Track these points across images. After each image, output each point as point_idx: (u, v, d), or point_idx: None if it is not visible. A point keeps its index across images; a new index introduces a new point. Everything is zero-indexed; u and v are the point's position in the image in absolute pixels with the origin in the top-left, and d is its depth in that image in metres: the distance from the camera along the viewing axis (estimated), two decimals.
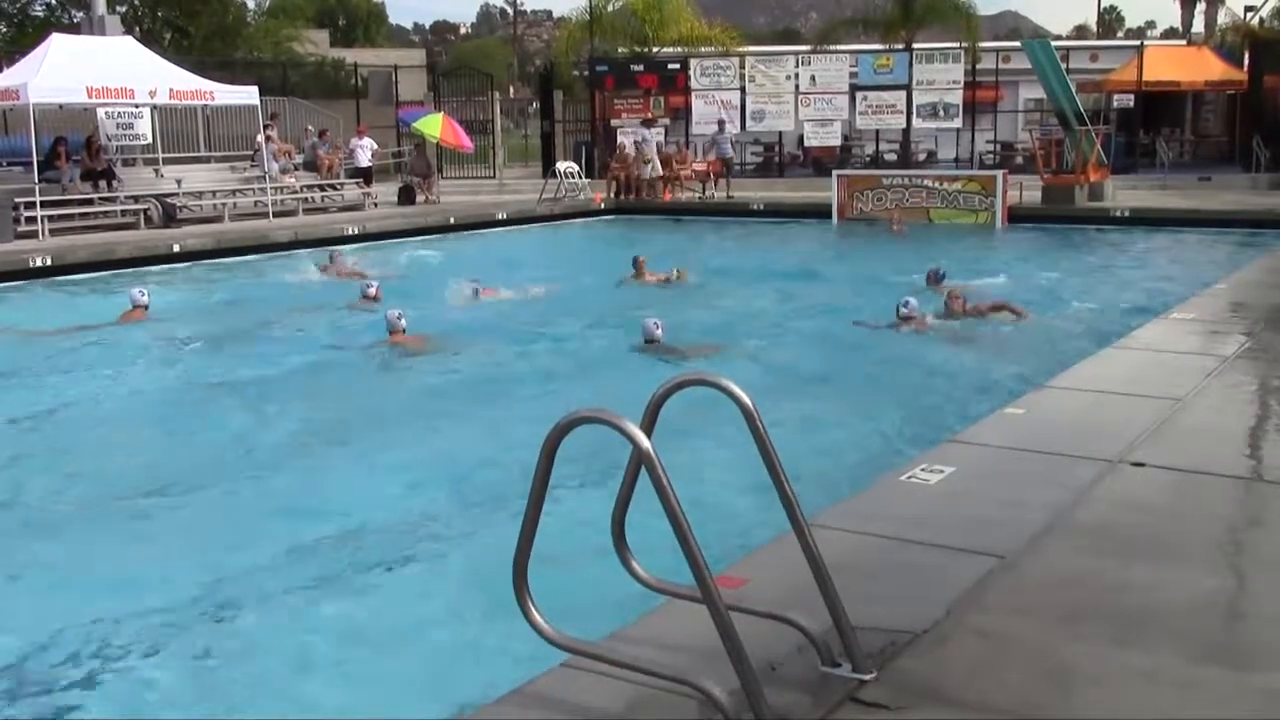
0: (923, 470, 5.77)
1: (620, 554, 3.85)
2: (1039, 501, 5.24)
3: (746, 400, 3.62)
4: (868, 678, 3.60)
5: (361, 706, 4.56)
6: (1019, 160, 30.16)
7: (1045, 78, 23.75)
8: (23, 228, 19.22)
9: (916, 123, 29.66)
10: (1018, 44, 29.96)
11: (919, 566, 4.57)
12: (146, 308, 13.53)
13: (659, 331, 10.87)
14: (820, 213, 23.47)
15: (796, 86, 30.13)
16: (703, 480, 6.50)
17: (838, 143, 31.08)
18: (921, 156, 31.97)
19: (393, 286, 14.31)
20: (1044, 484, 5.52)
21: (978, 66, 30.65)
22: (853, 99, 29.95)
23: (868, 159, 31.49)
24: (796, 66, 30.49)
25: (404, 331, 11.37)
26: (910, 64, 29.42)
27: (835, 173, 24.51)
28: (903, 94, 29.33)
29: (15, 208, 19.20)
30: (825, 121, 30.20)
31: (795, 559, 3.73)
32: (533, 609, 3.46)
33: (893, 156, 31.21)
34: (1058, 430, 6.51)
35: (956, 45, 30.45)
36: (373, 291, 13.85)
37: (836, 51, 31.75)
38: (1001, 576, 4.44)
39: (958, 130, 30.07)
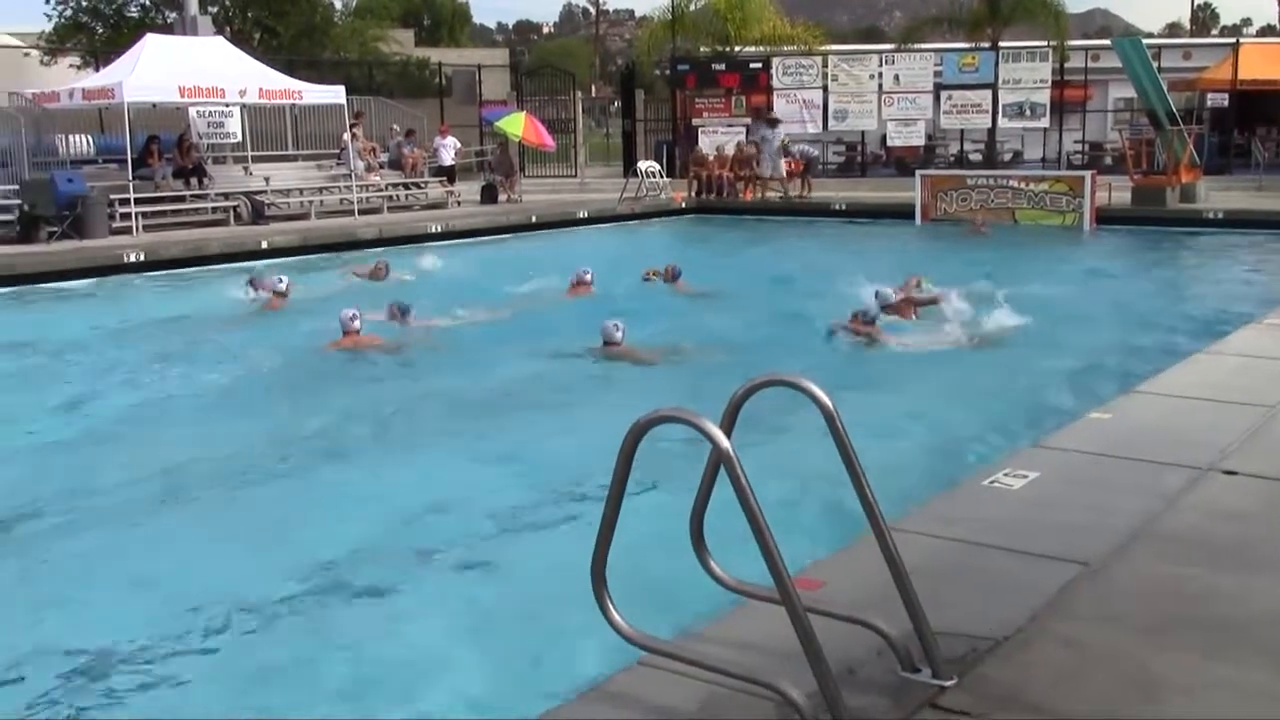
0: (1006, 474, 5.68)
1: (698, 554, 3.85)
2: (1126, 508, 5.14)
3: (827, 401, 3.59)
4: (948, 684, 3.55)
5: (440, 705, 4.58)
6: (1108, 161, 29.62)
7: (1136, 76, 23.27)
8: (117, 224, 19.69)
9: (1002, 122, 29.25)
10: (1107, 42, 29.38)
11: (1001, 572, 4.51)
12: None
13: (619, 334, 10.66)
14: (903, 213, 23.22)
15: (880, 85, 29.86)
16: (781, 481, 6.45)
17: (921, 142, 30.76)
18: (1007, 156, 31.51)
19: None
20: (1131, 491, 5.41)
21: (1066, 65, 30.12)
22: (937, 98, 29.61)
23: (952, 159, 31.13)
24: (880, 65, 30.22)
25: (359, 332, 11.12)
26: (996, 63, 29.01)
27: (919, 173, 24.24)
28: (988, 93, 28.94)
29: (110, 204, 19.68)
30: (909, 121, 29.89)
31: (874, 562, 3.70)
32: (611, 607, 3.47)
33: (977, 156, 30.81)
34: (1146, 436, 6.38)
35: (1044, 44, 29.95)
36: (283, 286, 14.03)
37: (921, 50, 31.40)
38: (1087, 584, 4.36)
39: (1045, 130, 29.60)
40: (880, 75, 29.93)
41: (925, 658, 3.60)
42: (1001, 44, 31.06)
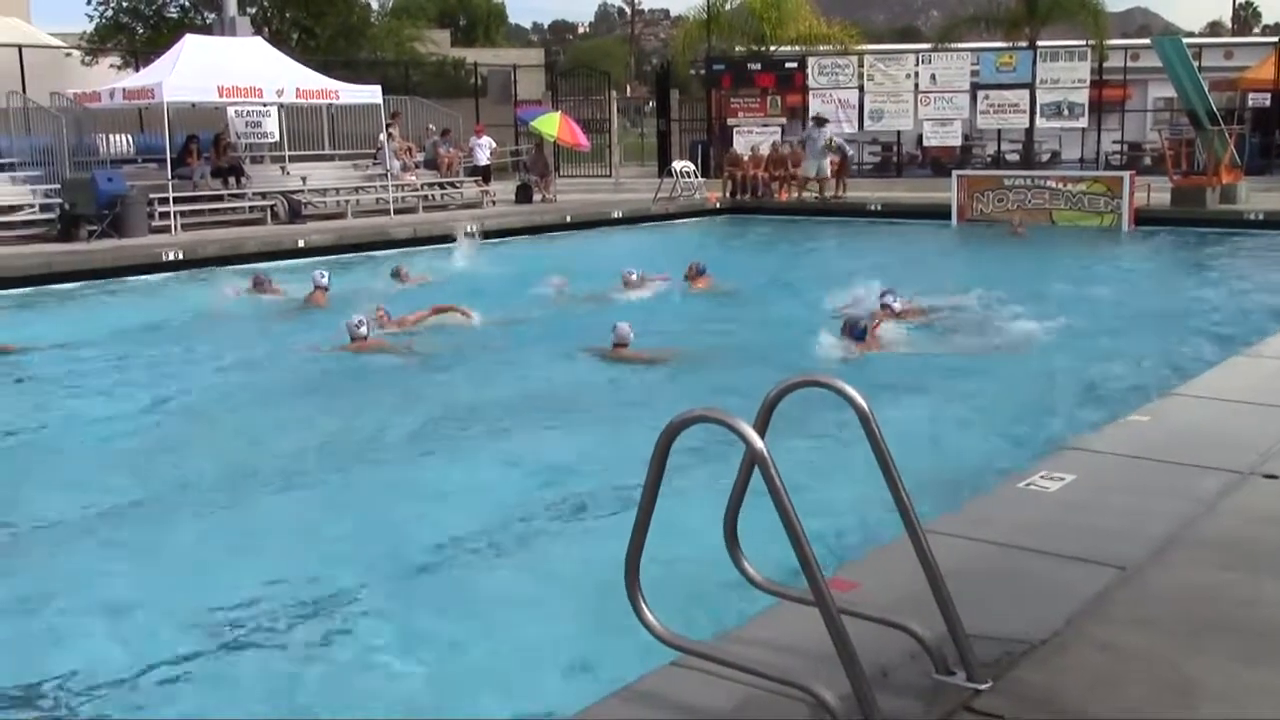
0: (1042, 477, 5.64)
1: (732, 554, 3.85)
2: (1163, 512, 5.09)
3: (862, 402, 3.58)
4: (983, 687, 3.54)
5: (472, 704, 4.59)
6: (1147, 161, 29.31)
7: (1176, 76, 23.03)
8: (156, 223, 19.87)
9: (1040, 122, 29.02)
10: (1147, 41, 29.14)
11: (1037, 575, 4.48)
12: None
13: (630, 335, 10.67)
14: (939, 214, 23.08)
15: (916, 85, 29.71)
16: (816, 482, 6.44)
17: (958, 142, 30.56)
18: (1045, 157, 31.26)
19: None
20: (1169, 494, 5.36)
21: (1105, 64, 29.86)
22: (974, 98, 29.42)
23: (989, 159, 30.92)
24: (916, 65, 30.07)
25: (365, 337, 11.15)
26: (1034, 62, 28.79)
27: (955, 173, 24.10)
28: (1026, 93, 28.72)
29: (150, 203, 19.86)
30: (945, 121, 29.72)
31: (909, 564, 3.68)
32: (644, 607, 3.48)
33: (1015, 157, 30.57)
34: (1184, 439, 6.32)
35: (1083, 43, 29.69)
36: (324, 281, 14.22)
37: (958, 49, 31.21)
38: (1123, 588, 4.32)
39: (1083, 130, 29.34)
40: (917, 75, 29.78)
41: (960, 661, 3.58)
42: (1039, 43, 30.81)
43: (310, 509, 7.06)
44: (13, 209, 19.62)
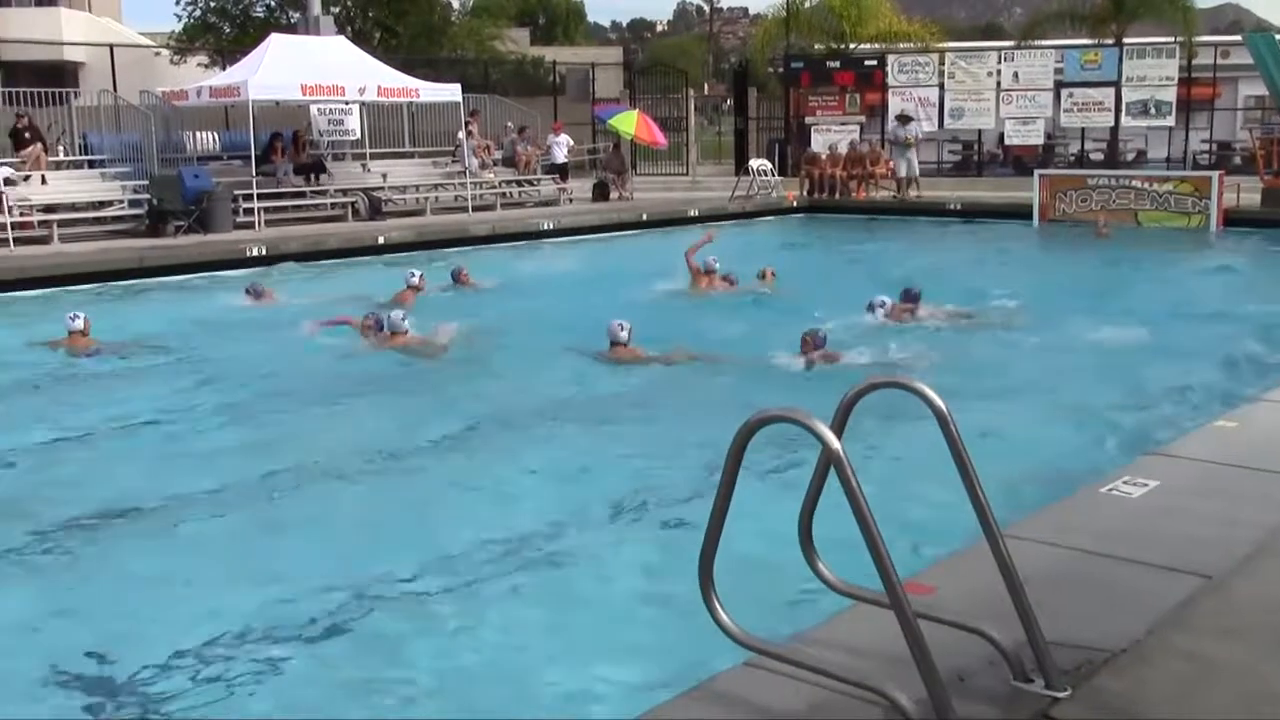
0: (1125, 483, 5.54)
1: (807, 555, 3.83)
2: (1251, 520, 4.98)
3: (940, 404, 3.54)
4: (1062, 695, 3.48)
5: (542, 703, 4.62)
6: (1237, 161, 28.66)
7: (1268, 73, 22.48)
8: (240, 218, 20.24)
9: (1125, 121, 28.50)
10: (1238, 38, 28.45)
11: (1118, 582, 4.40)
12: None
13: (624, 334, 10.45)
14: (1020, 214, 22.74)
15: (998, 83, 29.32)
16: (892, 483, 6.38)
17: (1040, 141, 30.10)
18: (1130, 156, 30.69)
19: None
20: (1258, 502, 5.24)
21: (1194, 62, 29.22)
22: (1057, 96, 28.97)
23: (1072, 158, 30.42)
24: (998, 63, 29.67)
25: (406, 333, 11.12)
26: (1120, 59, 28.28)
27: (1037, 172, 23.72)
28: (1111, 91, 28.22)
29: (234, 199, 20.24)
30: (1027, 119, 29.28)
31: (987, 569, 3.63)
32: (718, 606, 3.47)
33: (1099, 156, 30.05)
34: (1272, 446, 6.17)
35: (1171, 40, 29.11)
36: (416, 279, 14.28)
37: (1041, 47, 30.74)
38: (1208, 597, 4.23)
39: (1170, 129, 28.75)
40: (999, 73, 29.38)
41: (1038, 668, 3.53)
42: (1126, 40, 30.27)
43: (358, 509, 7.09)
44: (103, 204, 20.11)
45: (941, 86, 29.88)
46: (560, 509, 6.77)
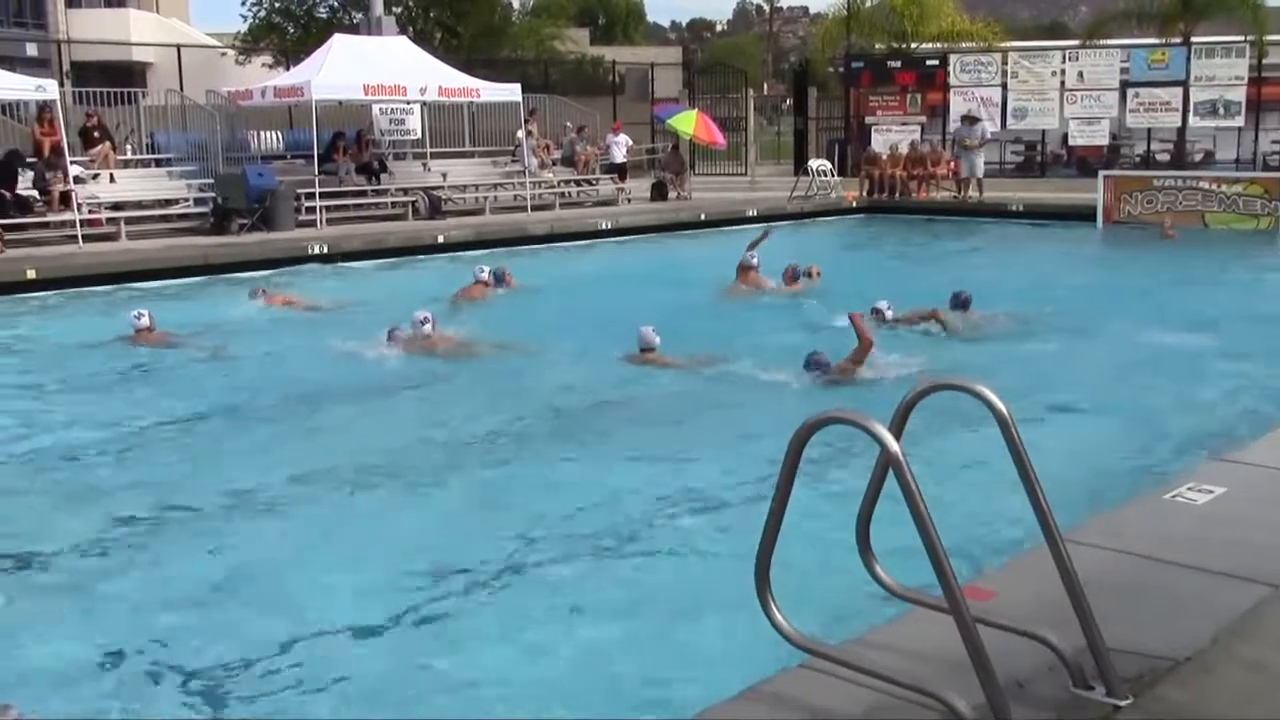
0: (1189, 489, 5.45)
1: (864, 558, 3.81)
2: None
3: (1001, 407, 3.51)
4: (1123, 703, 3.43)
5: (596, 703, 4.62)
6: None
7: None
8: (303, 217, 20.47)
9: (1193, 121, 28.04)
10: None
11: (1182, 590, 4.33)
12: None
13: (657, 339, 10.35)
14: (1084, 215, 22.44)
15: (1062, 83, 28.97)
16: (950, 486, 6.33)
17: (1105, 142, 29.69)
18: (1198, 157, 30.16)
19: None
20: None
21: (1264, 61, 28.67)
22: (1123, 96, 28.57)
23: (1137, 159, 29.96)
24: (1063, 62, 29.32)
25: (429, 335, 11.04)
26: (1188, 59, 27.84)
27: (1102, 173, 23.39)
28: (1179, 90, 27.78)
29: (297, 198, 20.48)
30: (1092, 119, 28.91)
31: (1047, 574, 3.60)
32: (774, 608, 3.46)
33: (1165, 157, 29.58)
34: None
35: (1241, 39, 28.59)
36: (484, 275, 14.31)
37: (1107, 46, 30.33)
38: (1275, 606, 4.15)
39: (1239, 129, 28.24)
40: (1063, 72, 29.04)
41: (1099, 675, 3.49)
42: (1194, 39, 29.78)
43: (416, 507, 7.12)
44: (169, 202, 20.43)
45: (1004, 86, 29.58)
46: (608, 510, 6.77)
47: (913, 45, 35.18)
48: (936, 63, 30.79)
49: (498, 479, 7.58)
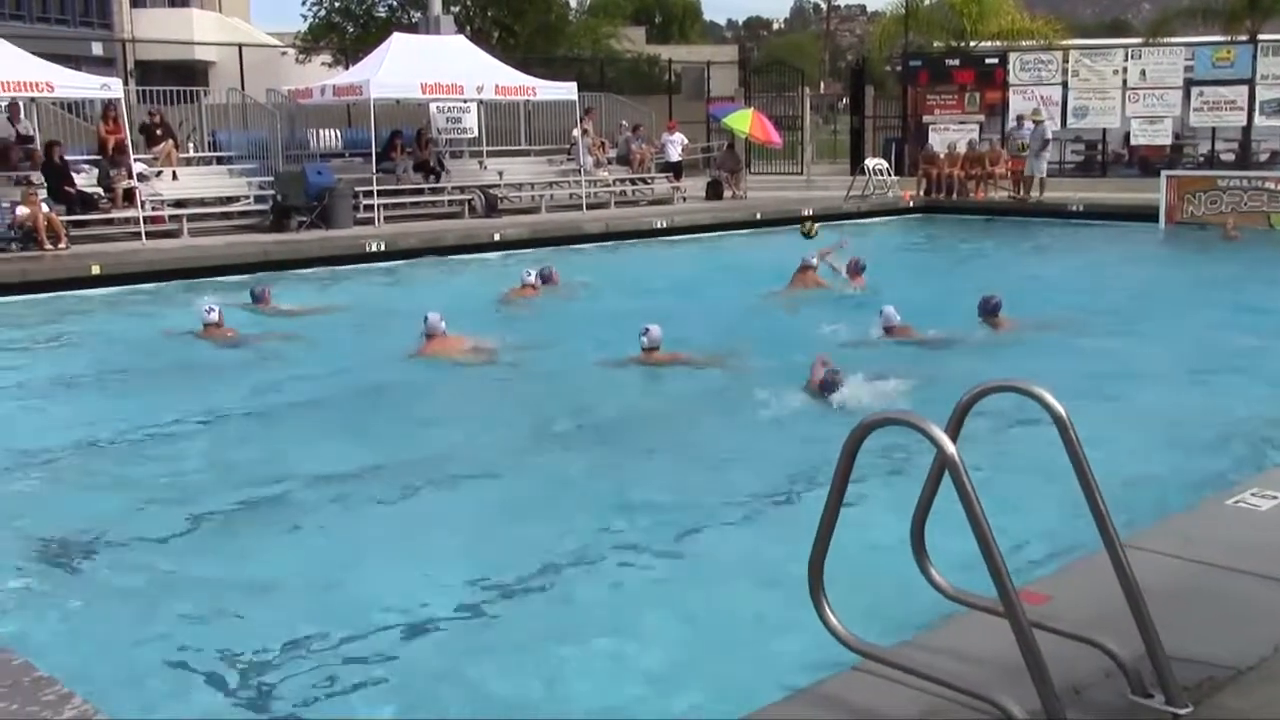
0: (1253, 495, 5.36)
1: (919, 560, 3.78)
2: None
3: (1060, 409, 3.47)
4: (1182, 712, 3.38)
5: (648, 703, 4.62)
6: None
7: None
8: (360, 214, 20.66)
9: (1259, 120, 27.53)
10: None
11: (1245, 598, 4.25)
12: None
13: (650, 339, 10.17)
14: (1145, 216, 22.11)
15: (1124, 81, 28.58)
16: (1007, 489, 6.25)
17: (1168, 141, 29.24)
18: (1264, 157, 29.59)
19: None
20: None
21: None
22: (1187, 94, 28.13)
23: (1201, 159, 29.48)
24: (1125, 60, 28.92)
25: (444, 334, 10.89)
26: (1254, 57, 27.34)
27: (1164, 173, 23.03)
28: (1244, 89, 27.30)
29: (355, 196, 20.67)
30: (1155, 118, 28.49)
31: (1106, 579, 3.55)
32: (827, 609, 3.45)
33: (1230, 156, 29.07)
34: None
35: None
36: (531, 278, 14.28)
37: (1171, 44, 29.87)
38: None
39: None
40: (1125, 71, 28.64)
41: (1158, 683, 3.43)
42: (1261, 37, 29.26)
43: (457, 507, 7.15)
44: (230, 200, 20.70)
45: (1065, 85, 29.24)
46: (651, 511, 6.77)
47: (972, 43, 34.88)
48: (996, 61, 30.49)
49: (542, 480, 7.59)
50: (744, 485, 7.13)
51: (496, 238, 19.94)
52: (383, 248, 18.42)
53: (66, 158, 18.56)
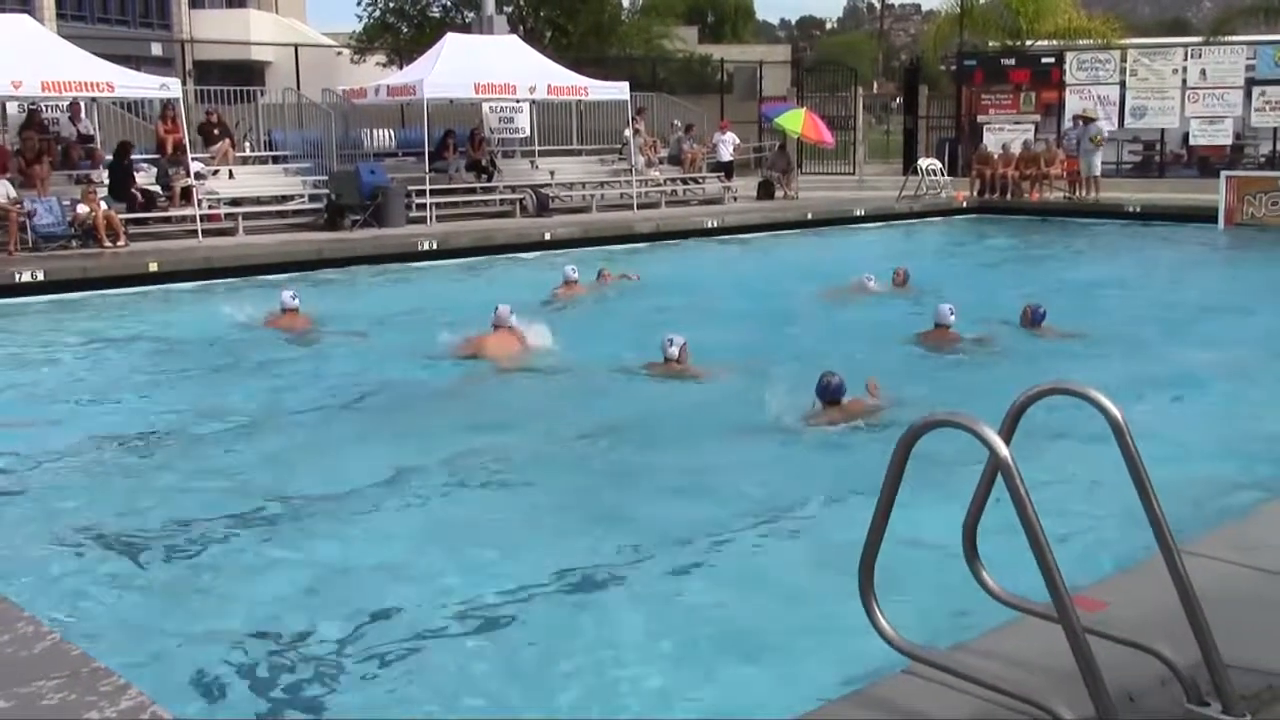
0: None
1: (971, 564, 3.74)
2: None
3: (1116, 412, 3.42)
4: None
5: (700, 703, 4.62)
6: None
7: None
8: (413, 213, 20.80)
9: None
10: None
11: None
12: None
13: (673, 349, 9.89)
14: (1204, 217, 21.79)
15: (1184, 81, 28.15)
16: (1062, 493, 6.19)
17: (1228, 141, 28.76)
18: None
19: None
20: None
21: None
22: (1248, 94, 27.66)
23: (1263, 159, 28.97)
24: (1185, 59, 28.48)
25: (511, 328, 10.79)
26: None
27: (1224, 174, 22.69)
28: None
29: (408, 195, 20.81)
30: (1215, 118, 28.03)
31: (1162, 585, 3.50)
32: (877, 612, 3.42)
33: None
34: None
35: None
36: (574, 275, 14.31)
37: (1232, 43, 29.38)
38: None
39: None
40: (1184, 70, 28.22)
41: (1215, 691, 3.38)
42: None
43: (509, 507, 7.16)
44: (285, 198, 20.91)
45: (1122, 85, 28.85)
46: (697, 511, 6.77)
47: (1028, 43, 34.51)
48: (1052, 60, 30.13)
49: (601, 480, 7.61)
50: (789, 492, 7.11)
51: (547, 237, 20.01)
52: (434, 246, 18.54)
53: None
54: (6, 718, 3.40)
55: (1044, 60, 30.55)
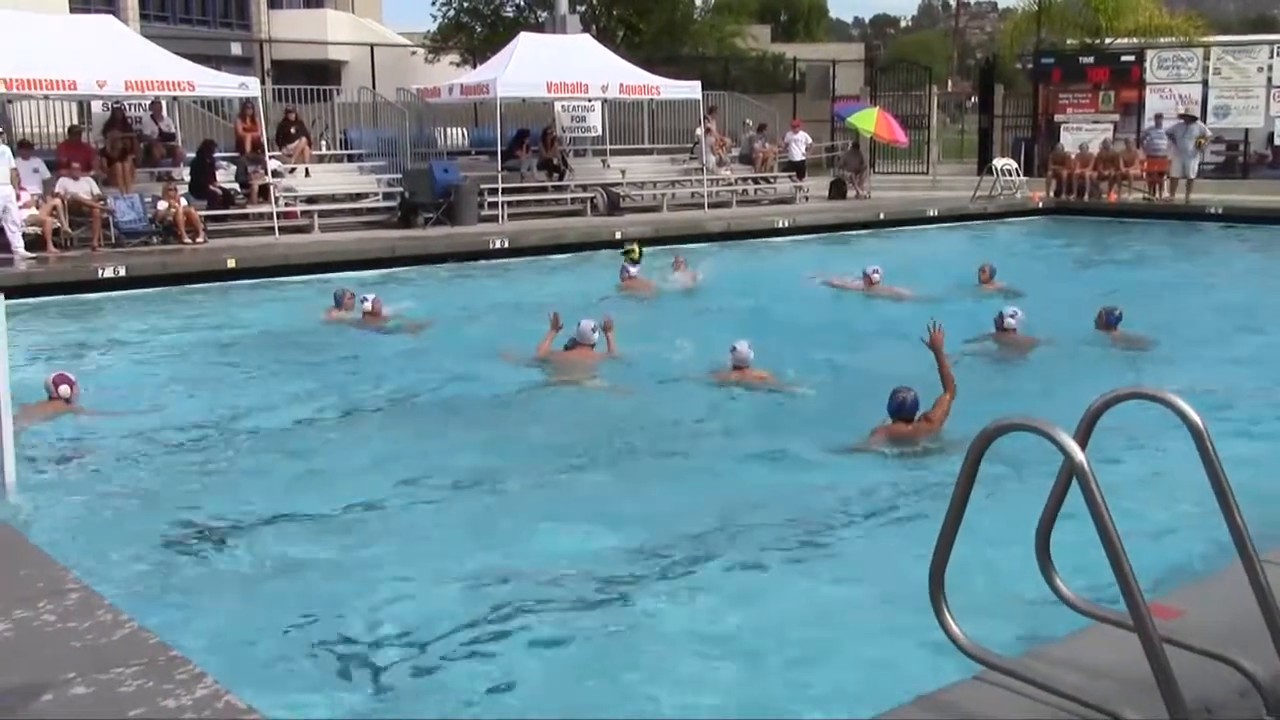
0: None
1: (1044, 570, 3.70)
2: None
3: (1196, 419, 3.36)
4: None
5: (775, 705, 4.61)
6: None
7: None
8: (485, 212, 20.95)
9: None
10: None
11: None
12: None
13: (750, 354, 9.62)
14: None
15: (1269, 79, 27.52)
16: (1138, 499, 6.09)
17: None
18: None
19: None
20: None
21: None
22: None
23: None
24: (1271, 57, 27.83)
25: (593, 347, 10.55)
26: None
27: None
28: None
29: (480, 193, 20.97)
30: None
31: (1242, 595, 3.43)
32: (948, 617, 3.40)
33: None
34: None
35: None
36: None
37: None
38: None
39: None
40: (1270, 68, 27.59)
41: None
42: None
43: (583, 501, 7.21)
44: (360, 196, 21.17)
45: (1205, 83, 28.28)
46: (768, 512, 6.75)
47: (1107, 41, 33.96)
48: (1132, 59, 29.61)
49: (662, 484, 7.58)
50: (860, 496, 7.07)
51: (618, 235, 20.01)
52: (506, 244, 18.66)
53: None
54: (87, 705, 3.48)
55: (1124, 59, 30.03)
